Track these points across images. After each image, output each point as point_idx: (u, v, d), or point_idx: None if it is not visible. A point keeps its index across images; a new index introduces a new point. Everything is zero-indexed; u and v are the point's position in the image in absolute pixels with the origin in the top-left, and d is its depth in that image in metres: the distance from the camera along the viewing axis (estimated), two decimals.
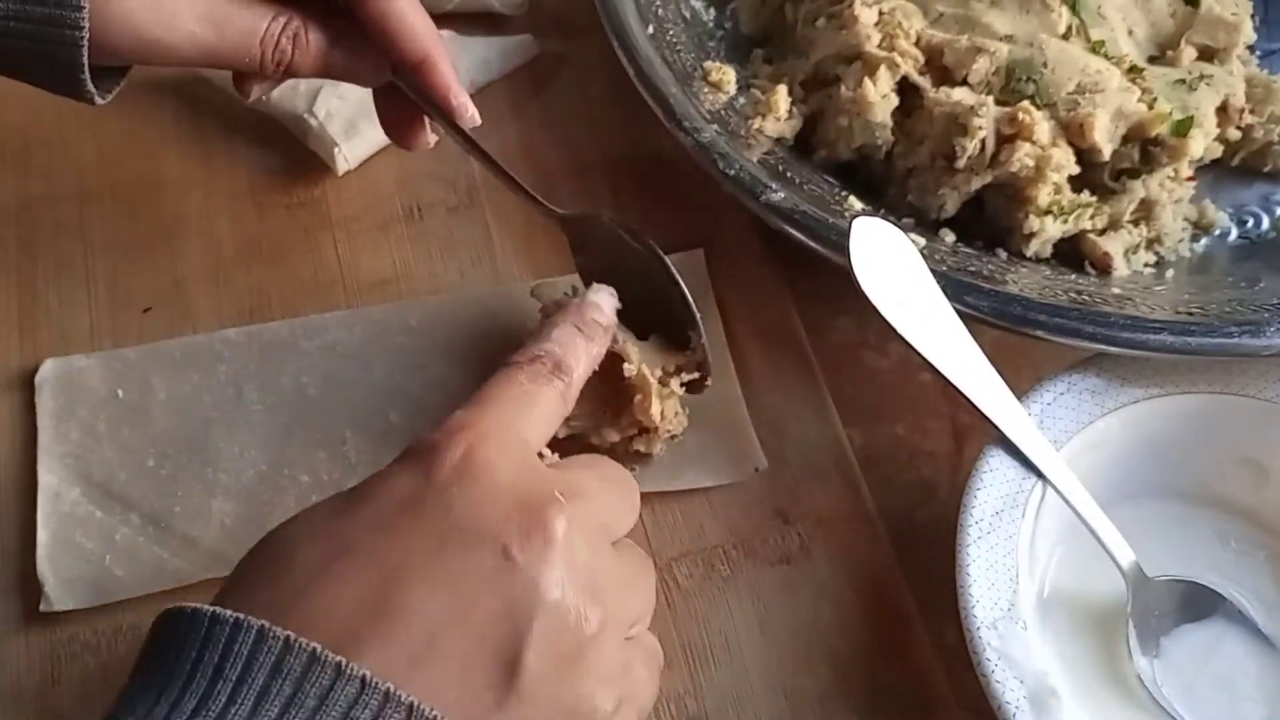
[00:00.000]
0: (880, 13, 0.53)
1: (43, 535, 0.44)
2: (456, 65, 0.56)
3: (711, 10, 0.60)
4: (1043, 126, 0.50)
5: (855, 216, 0.46)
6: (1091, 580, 0.45)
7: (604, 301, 0.44)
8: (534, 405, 0.37)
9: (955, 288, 0.46)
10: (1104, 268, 0.51)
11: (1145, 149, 0.52)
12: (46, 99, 0.43)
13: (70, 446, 0.46)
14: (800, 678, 0.43)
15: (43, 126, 0.56)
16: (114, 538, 0.44)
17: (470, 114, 0.45)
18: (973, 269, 0.48)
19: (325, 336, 0.49)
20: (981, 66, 0.52)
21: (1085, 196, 0.51)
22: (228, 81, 0.47)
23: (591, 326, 0.42)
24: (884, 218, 0.49)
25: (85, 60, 0.40)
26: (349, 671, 0.28)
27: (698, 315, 0.45)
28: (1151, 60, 0.56)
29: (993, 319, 0.45)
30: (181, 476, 0.45)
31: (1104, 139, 0.51)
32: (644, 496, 0.46)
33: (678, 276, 0.45)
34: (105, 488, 0.45)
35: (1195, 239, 0.55)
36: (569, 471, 0.35)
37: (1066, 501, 0.43)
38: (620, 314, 0.44)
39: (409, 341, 0.49)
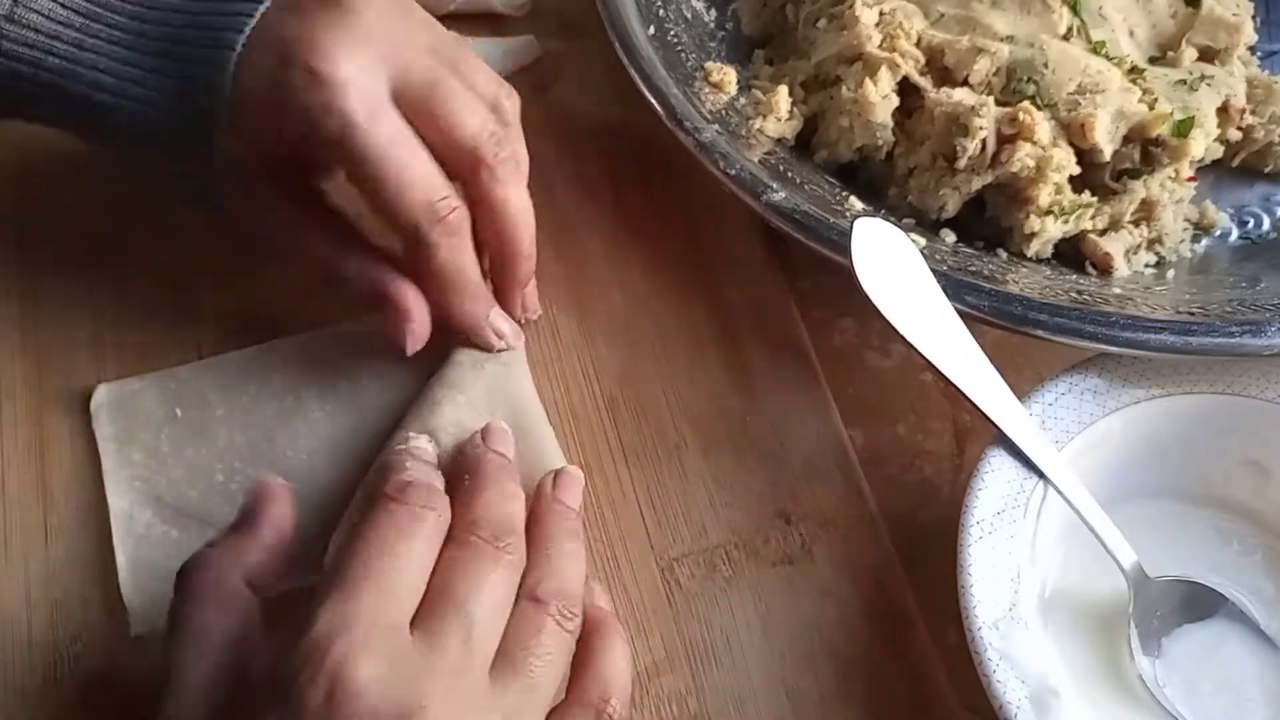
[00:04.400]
0: (881, 13, 0.53)
1: (121, 559, 0.44)
2: None
3: (713, 11, 0.60)
4: (1043, 127, 0.50)
5: (856, 217, 0.46)
6: (1093, 580, 0.45)
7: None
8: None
9: (956, 287, 0.46)
10: (1105, 268, 0.51)
11: (1146, 149, 0.52)
12: None
13: (135, 469, 0.46)
14: (802, 677, 0.43)
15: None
16: None
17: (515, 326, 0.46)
18: (973, 269, 0.49)
19: (371, 340, 0.48)
20: (982, 67, 0.52)
21: (1086, 197, 0.51)
22: None
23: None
24: (885, 218, 0.49)
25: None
26: None
27: None
28: (1152, 61, 0.56)
29: (993, 319, 0.46)
30: None
31: (1105, 139, 0.51)
32: (644, 498, 0.47)
33: None
34: (177, 506, 0.45)
35: (1196, 239, 0.55)
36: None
37: (1068, 502, 0.43)
38: None
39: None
